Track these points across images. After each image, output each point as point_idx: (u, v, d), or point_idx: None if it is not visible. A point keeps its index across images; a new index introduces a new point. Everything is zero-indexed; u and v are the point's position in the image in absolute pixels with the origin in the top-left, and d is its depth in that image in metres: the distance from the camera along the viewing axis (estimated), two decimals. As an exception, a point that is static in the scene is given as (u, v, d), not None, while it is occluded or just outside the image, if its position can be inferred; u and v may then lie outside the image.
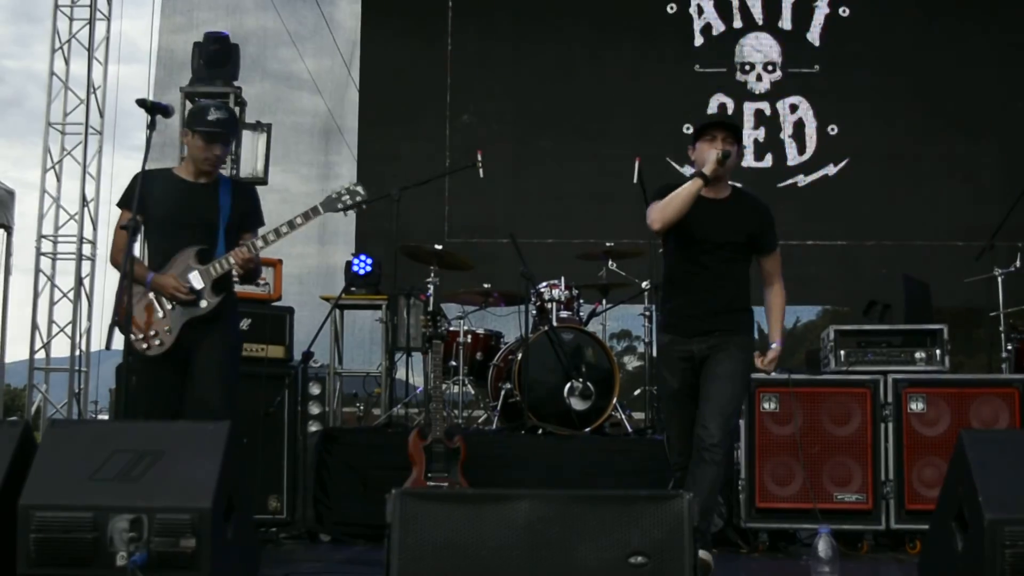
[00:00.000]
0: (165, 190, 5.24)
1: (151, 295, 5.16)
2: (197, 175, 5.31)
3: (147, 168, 5.20)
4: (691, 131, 5.35)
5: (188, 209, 5.24)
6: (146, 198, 5.09)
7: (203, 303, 5.17)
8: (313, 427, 7.53)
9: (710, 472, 5.00)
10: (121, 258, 5.00)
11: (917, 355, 6.53)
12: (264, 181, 9.83)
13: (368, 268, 9.06)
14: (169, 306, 5.16)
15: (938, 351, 6.51)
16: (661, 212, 5.11)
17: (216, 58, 9.80)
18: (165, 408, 5.10)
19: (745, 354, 5.20)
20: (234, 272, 5.21)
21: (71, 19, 10.71)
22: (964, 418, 6.21)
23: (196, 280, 5.16)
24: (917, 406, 6.28)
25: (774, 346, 5.27)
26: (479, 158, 8.26)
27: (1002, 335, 7.59)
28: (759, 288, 5.36)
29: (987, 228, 7.90)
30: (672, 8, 11.09)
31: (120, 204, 5.26)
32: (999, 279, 7.69)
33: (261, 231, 5.33)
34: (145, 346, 5.10)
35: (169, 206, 5.21)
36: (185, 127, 5.40)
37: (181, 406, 5.16)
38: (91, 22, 10.69)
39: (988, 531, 3.76)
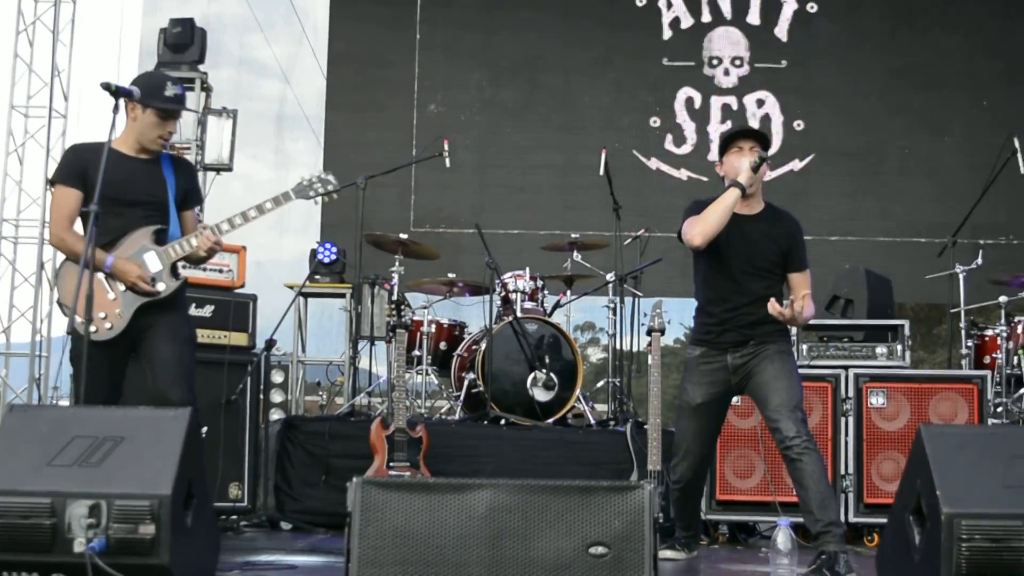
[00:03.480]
0: (107, 164, 4.74)
1: (100, 275, 4.79)
2: (139, 151, 4.97)
3: (81, 142, 4.88)
4: (717, 143, 5.27)
5: (136, 186, 4.92)
6: (87, 172, 4.79)
7: (160, 286, 4.86)
8: (275, 415, 7.52)
9: (807, 465, 4.92)
10: (71, 240, 4.79)
11: (878, 350, 6.58)
12: (229, 168, 9.82)
13: (333, 256, 9.04)
14: (121, 288, 4.83)
15: (899, 346, 6.56)
16: (702, 226, 5.02)
17: (181, 42, 9.75)
18: (109, 395, 4.78)
19: (787, 352, 5.20)
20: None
21: (36, 1, 10.60)
22: (923, 413, 6.26)
23: (153, 262, 4.87)
24: (877, 401, 6.32)
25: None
26: (445, 147, 8.25)
27: (963, 331, 7.66)
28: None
29: (950, 225, 7.96)
30: (641, 1, 11.11)
31: (56, 180, 4.90)
32: (960, 276, 7.76)
33: (228, 214, 5.00)
34: (94, 329, 4.71)
35: (115, 182, 4.77)
36: (134, 100, 4.87)
37: (121, 392, 4.89)
38: (56, 4, 10.58)
39: (945, 525, 3.79)
